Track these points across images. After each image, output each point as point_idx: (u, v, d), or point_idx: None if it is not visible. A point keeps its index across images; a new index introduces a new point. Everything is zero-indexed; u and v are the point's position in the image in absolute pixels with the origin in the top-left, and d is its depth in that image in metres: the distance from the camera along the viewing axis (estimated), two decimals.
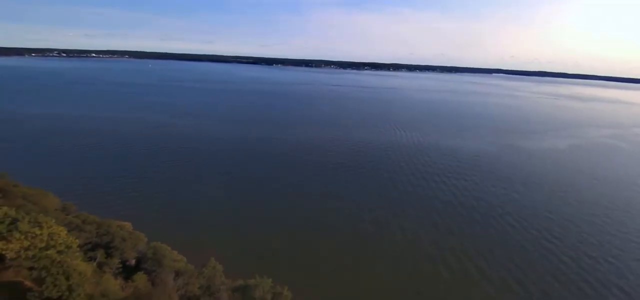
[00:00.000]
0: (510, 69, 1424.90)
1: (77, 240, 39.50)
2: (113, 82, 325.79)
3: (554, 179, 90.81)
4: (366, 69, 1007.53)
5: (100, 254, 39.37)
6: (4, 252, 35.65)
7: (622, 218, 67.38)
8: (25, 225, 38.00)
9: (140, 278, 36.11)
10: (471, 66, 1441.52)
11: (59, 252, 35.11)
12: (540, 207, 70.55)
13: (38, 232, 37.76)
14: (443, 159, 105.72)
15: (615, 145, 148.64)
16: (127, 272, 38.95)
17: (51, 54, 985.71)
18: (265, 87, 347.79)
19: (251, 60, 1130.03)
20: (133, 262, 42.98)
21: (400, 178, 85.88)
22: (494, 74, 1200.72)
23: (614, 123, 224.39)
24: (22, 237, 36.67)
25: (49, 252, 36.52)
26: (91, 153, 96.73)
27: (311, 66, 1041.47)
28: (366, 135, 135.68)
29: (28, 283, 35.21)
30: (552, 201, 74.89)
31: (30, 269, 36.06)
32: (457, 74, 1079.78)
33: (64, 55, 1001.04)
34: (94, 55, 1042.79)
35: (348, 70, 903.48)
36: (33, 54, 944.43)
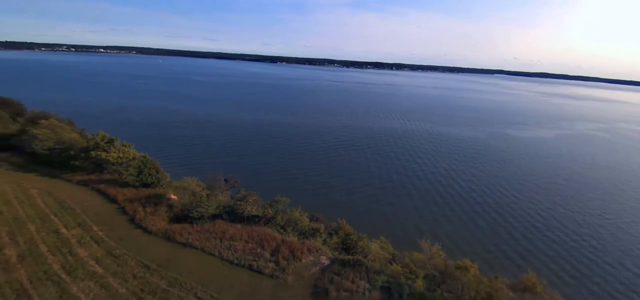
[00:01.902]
0: (512, 70, 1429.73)
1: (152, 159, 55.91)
2: (129, 75, 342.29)
3: (531, 159, 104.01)
4: (369, 68, 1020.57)
5: None
6: (107, 157, 52.25)
7: (582, 189, 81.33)
8: (118, 144, 54.98)
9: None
10: (474, 67, 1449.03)
11: None
12: (512, 178, 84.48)
13: (126, 149, 54.60)
14: (433, 141, 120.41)
15: (598, 136, 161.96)
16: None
17: (60, 49, 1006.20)
18: (272, 81, 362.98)
19: (255, 58, 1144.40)
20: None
21: (387, 156, 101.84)
22: (495, 75, 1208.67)
23: (602, 118, 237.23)
24: (117, 150, 53.49)
25: (138, 157, 52.99)
26: (131, 127, 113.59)
27: (314, 64, 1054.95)
28: (363, 122, 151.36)
29: (121, 180, 51.57)
30: (524, 173, 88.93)
31: (119, 174, 52.60)
32: (459, 74, 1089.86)
33: (73, 50, 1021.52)
34: (101, 50, 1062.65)
35: (351, 69, 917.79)
36: (43, 48, 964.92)
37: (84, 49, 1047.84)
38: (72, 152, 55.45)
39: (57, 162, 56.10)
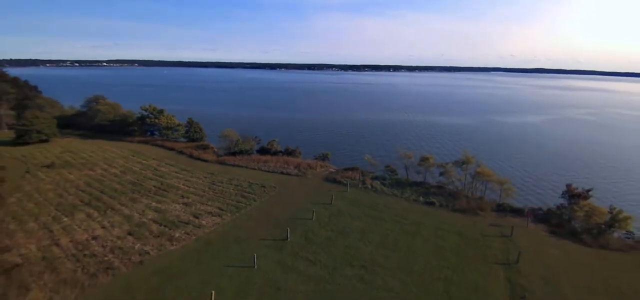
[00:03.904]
0: (510, 67, 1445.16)
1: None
2: (141, 85, 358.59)
3: (520, 138, 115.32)
4: (366, 71, 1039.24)
5: None
6: (159, 123, 66.59)
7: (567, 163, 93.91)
8: (165, 113, 69.44)
9: None
10: (471, 66, 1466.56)
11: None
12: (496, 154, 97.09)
13: (172, 117, 69.16)
14: (426, 128, 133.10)
15: (586, 120, 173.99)
16: None
17: (64, 64, 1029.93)
18: (273, 84, 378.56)
19: (255, 66, 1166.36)
20: None
21: (384, 136, 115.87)
22: (493, 72, 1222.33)
23: (592, 105, 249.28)
24: (165, 118, 67.98)
25: (182, 123, 67.49)
26: None
27: (313, 69, 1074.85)
28: (356, 115, 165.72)
29: (170, 140, 65.54)
30: (509, 149, 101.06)
31: (167, 137, 66.75)
32: (457, 72, 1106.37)
33: (77, 65, 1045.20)
34: (105, 64, 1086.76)
35: (349, 72, 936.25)
36: (47, 64, 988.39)
37: (88, 64, 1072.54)
38: (130, 121, 70.19)
39: (118, 130, 70.78)
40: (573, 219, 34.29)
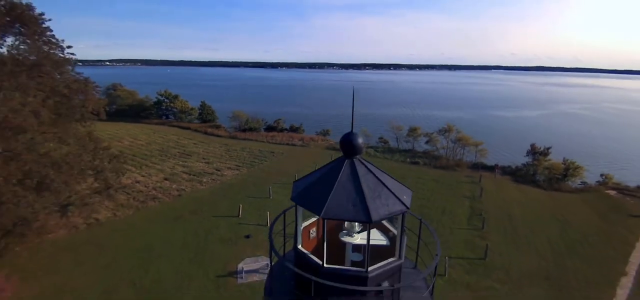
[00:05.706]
0: (510, 65, 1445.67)
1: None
2: (145, 83, 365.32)
3: (511, 130, 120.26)
4: (367, 69, 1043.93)
5: None
6: (174, 107, 72.69)
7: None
8: (180, 98, 75.40)
9: None
10: (471, 64, 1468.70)
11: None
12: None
13: (186, 102, 75.19)
14: (425, 123, 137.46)
15: (579, 114, 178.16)
16: None
17: None
18: (275, 83, 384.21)
19: (257, 65, 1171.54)
20: None
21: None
22: (493, 71, 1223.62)
23: (588, 100, 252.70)
24: (180, 102, 74.03)
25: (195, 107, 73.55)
26: None
27: (314, 68, 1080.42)
28: (357, 110, 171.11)
29: (185, 122, 71.73)
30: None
31: (181, 119, 72.87)
32: (457, 71, 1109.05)
33: (80, 64, 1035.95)
34: (108, 63, 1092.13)
35: (350, 70, 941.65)
36: None
37: (91, 63, 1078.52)
38: (148, 105, 76.61)
39: (135, 114, 77.11)
40: (536, 173, 40.43)
